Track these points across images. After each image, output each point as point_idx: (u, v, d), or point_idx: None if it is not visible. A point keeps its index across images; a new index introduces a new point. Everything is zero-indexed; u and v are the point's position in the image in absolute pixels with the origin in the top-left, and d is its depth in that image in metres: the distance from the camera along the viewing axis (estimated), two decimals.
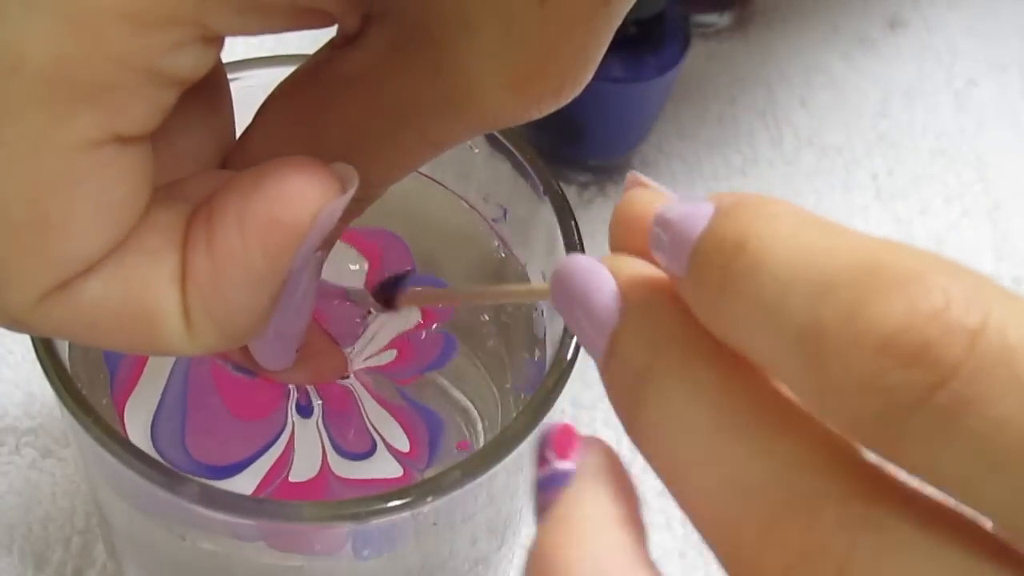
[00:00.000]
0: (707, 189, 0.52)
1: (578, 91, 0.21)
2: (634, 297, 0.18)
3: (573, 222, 0.30)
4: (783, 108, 0.56)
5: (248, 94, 0.25)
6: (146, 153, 0.20)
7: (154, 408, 0.30)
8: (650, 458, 0.17)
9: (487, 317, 0.36)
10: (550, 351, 0.31)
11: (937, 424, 0.14)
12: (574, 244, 0.30)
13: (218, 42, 0.19)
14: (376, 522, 0.27)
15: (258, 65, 0.31)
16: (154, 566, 0.33)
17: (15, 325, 0.20)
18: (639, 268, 0.19)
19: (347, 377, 0.31)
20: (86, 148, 0.18)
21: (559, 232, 0.30)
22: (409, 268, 0.30)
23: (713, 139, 0.54)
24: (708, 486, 0.16)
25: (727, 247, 0.16)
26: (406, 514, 0.26)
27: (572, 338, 0.29)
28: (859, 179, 0.54)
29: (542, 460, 0.19)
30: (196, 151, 0.22)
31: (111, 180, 0.19)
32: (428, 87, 0.20)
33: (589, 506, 0.17)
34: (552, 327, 0.32)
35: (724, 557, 0.16)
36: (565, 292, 0.19)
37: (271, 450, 0.30)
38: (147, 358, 0.30)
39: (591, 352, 0.19)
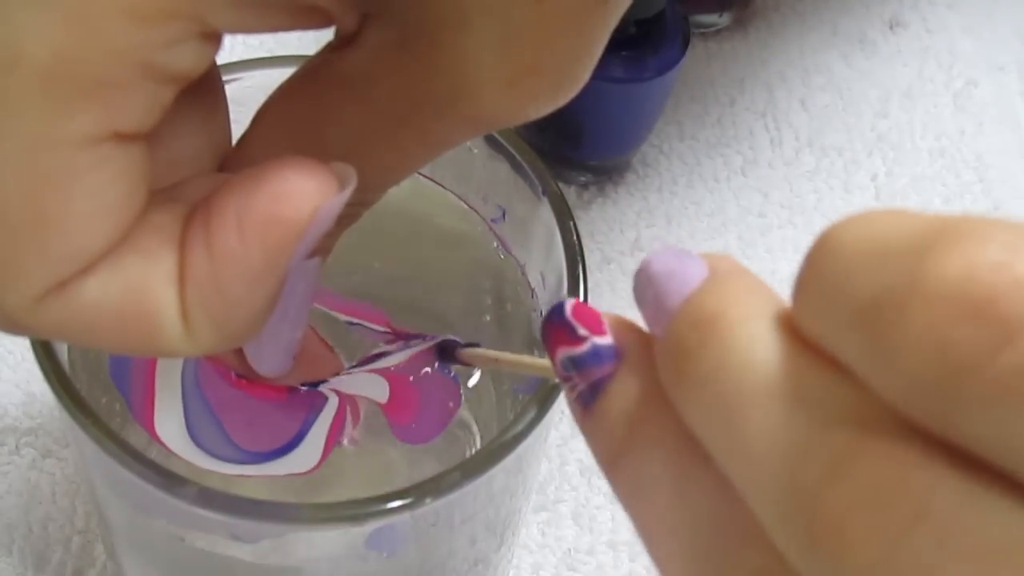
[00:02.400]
0: (707, 190, 0.52)
1: (576, 90, 0.21)
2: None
3: (572, 223, 0.30)
4: (783, 109, 0.56)
5: (247, 94, 0.25)
6: (143, 152, 0.20)
7: (183, 421, 0.30)
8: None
9: (488, 318, 0.36)
10: None
11: (1003, 387, 0.12)
12: (573, 245, 0.30)
13: (216, 39, 0.19)
14: (375, 523, 0.27)
15: (257, 66, 0.31)
16: (154, 566, 0.33)
17: (11, 327, 0.20)
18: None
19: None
20: (85, 145, 0.18)
21: (558, 233, 0.30)
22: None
23: (713, 140, 0.54)
24: (757, 434, 0.15)
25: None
26: (405, 515, 0.26)
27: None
28: (859, 180, 0.54)
29: (575, 338, 0.19)
30: (193, 154, 0.22)
31: (109, 178, 0.19)
32: (426, 86, 0.20)
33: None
34: None
35: (772, 507, 0.14)
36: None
37: (322, 414, 0.30)
38: (154, 375, 0.30)
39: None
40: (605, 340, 0.19)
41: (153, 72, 0.18)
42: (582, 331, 0.19)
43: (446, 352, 0.30)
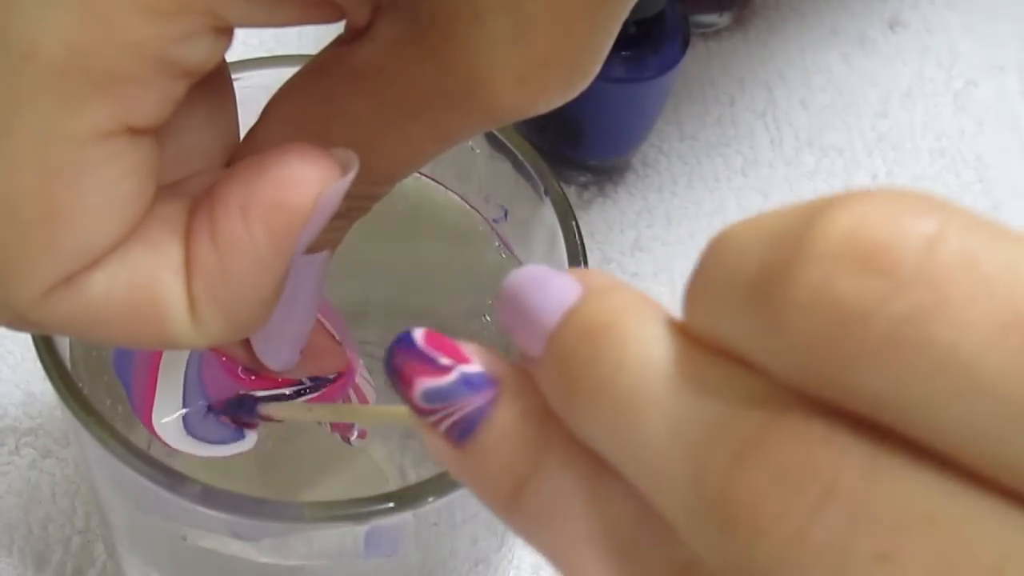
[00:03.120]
0: (707, 190, 0.52)
1: (586, 83, 0.21)
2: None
3: (575, 223, 0.30)
4: (783, 109, 0.56)
5: (248, 94, 0.25)
6: (154, 147, 0.20)
7: (181, 415, 0.30)
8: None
9: (489, 318, 0.36)
10: None
11: (894, 336, 0.12)
12: (575, 244, 0.30)
13: (228, 34, 0.19)
14: (377, 522, 0.27)
15: (258, 65, 0.31)
16: (155, 565, 0.33)
17: (19, 322, 0.20)
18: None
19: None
20: (97, 139, 0.18)
21: (560, 233, 0.30)
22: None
23: (713, 140, 0.54)
24: (658, 432, 0.14)
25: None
26: (407, 514, 0.26)
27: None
28: (859, 180, 0.54)
29: (437, 369, 0.17)
30: (203, 149, 0.22)
31: (120, 172, 0.19)
32: (437, 79, 0.20)
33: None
34: None
35: (680, 503, 0.14)
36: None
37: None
38: (158, 369, 0.30)
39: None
40: (474, 368, 0.17)
41: (166, 66, 0.18)
42: (444, 360, 0.17)
43: (243, 406, 0.28)
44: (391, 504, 0.26)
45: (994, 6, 0.61)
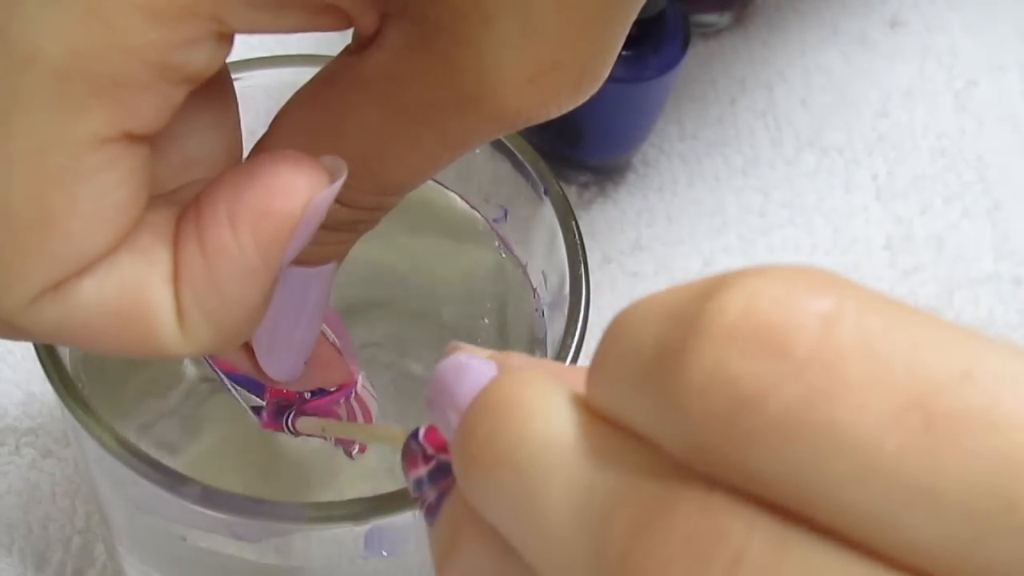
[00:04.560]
0: (707, 189, 0.52)
1: (596, 86, 0.21)
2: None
3: (574, 223, 0.30)
4: (784, 108, 0.56)
5: (248, 95, 0.25)
6: (149, 155, 0.20)
7: None
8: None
9: (487, 321, 0.36)
10: (551, 352, 0.31)
11: (793, 419, 0.12)
12: (575, 244, 0.30)
13: (230, 40, 0.19)
14: (376, 523, 0.27)
15: (258, 66, 0.31)
16: (155, 566, 0.33)
17: (6, 328, 0.20)
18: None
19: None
20: (95, 144, 0.18)
21: (560, 233, 0.30)
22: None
23: (713, 139, 0.54)
24: (556, 504, 0.14)
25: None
26: (407, 514, 0.26)
27: (573, 339, 0.29)
28: (859, 179, 0.54)
29: (426, 458, 0.18)
30: (204, 156, 0.22)
31: (116, 179, 0.19)
32: (447, 85, 0.20)
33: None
34: (552, 328, 0.32)
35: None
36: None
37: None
38: None
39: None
40: (448, 457, 0.18)
41: (168, 72, 0.18)
42: (430, 451, 0.18)
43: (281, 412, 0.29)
44: (391, 504, 0.26)
45: (994, 6, 0.61)
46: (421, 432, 0.19)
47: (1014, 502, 0.11)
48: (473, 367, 0.17)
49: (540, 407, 0.15)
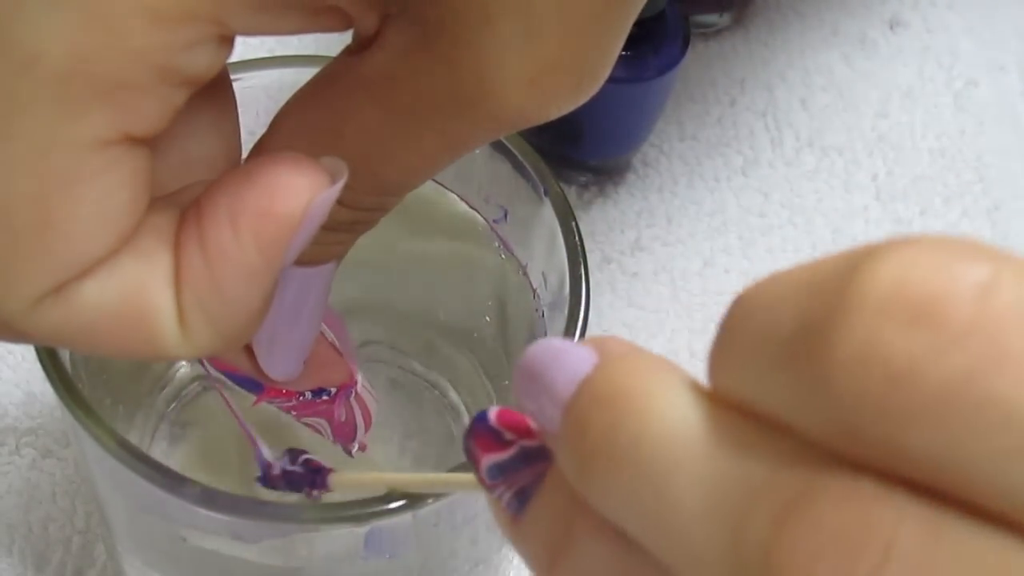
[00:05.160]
0: (708, 190, 0.52)
1: (596, 87, 0.21)
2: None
3: (574, 223, 0.30)
4: (783, 109, 0.56)
5: (248, 94, 0.25)
6: (150, 158, 0.20)
7: None
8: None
9: (488, 318, 0.36)
10: None
11: (952, 395, 0.11)
12: (575, 245, 0.30)
13: (231, 42, 0.19)
14: (376, 523, 0.27)
15: (258, 66, 0.31)
16: (155, 566, 0.33)
17: (7, 332, 0.20)
18: None
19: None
20: (96, 147, 0.18)
21: (560, 233, 0.30)
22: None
23: (713, 140, 0.54)
24: (689, 500, 0.14)
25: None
26: (407, 515, 0.26)
27: (573, 339, 0.29)
28: (859, 180, 0.54)
29: (501, 444, 0.17)
30: (204, 158, 0.22)
31: (117, 182, 0.19)
32: (448, 86, 0.20)
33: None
34: (553, 328, 0.32)
35: (713, 574, 0.13)
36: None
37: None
38: None
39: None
40: (534, 443, 0.17)
41: (169, 74, 0.18)
42: (508, 436, 0.17)
43: (314, 474, 0.28)
44: (391, 505, 0.26)
45: (994, 6, 0.61)
46: (491, 415, 0.18)
47: None
48: (571, 352, 0.16)
49: (658, 398, 0.15)
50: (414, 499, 0.26)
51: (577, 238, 0.30)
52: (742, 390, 0.14)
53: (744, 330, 0.14)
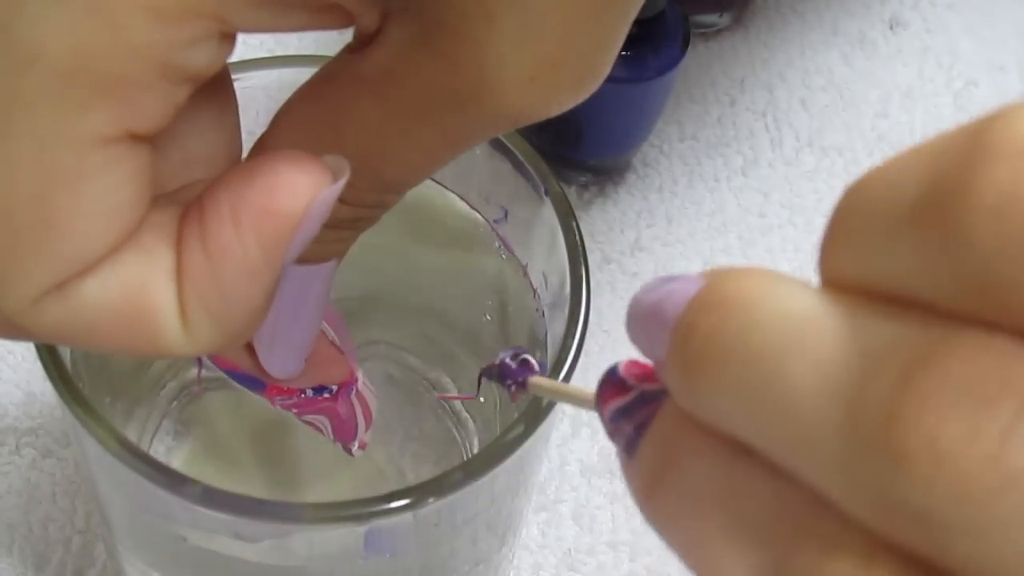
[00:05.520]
0: (708, 190, 0.52)
1: (597, 84, 0.21)
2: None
3: (575, 223, 0.30)
4: (783, 109, 0.56)
5: (248, 94, 0.25)
6: (151, 155, 0.20)
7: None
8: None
9: (489, 317, 0.36)
10: (551, 352, 0.31)
11: None
12: (575, 245, 0.30)
13: (232, 39, 0.19)
14: (377, 523, 0.27)
15: (258, 66, 0.31)
16: (155, 566, 0.33)
17: (10, 329, 0.20)
18: None
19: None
20: (98, 144, 0.18)
21: (560, 233, 0.30)
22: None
23: (713, 140, 0.54)
24: (802, 382, 0.13)
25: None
26: (407, 515, 0.26)
27: (573, 339, 0.29)
28: None
29: (625, 390, 0.18)
30: (205, 156, 0.22)
31: (119, 179, 0.19)
32: (448, 83, 0.20)
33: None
34: (553, 328, 0.32)
35: (828, 454, 0.12)
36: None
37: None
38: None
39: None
40: (652, 385, 0.18)
41: (171, 71, 0.18)
42: (631, 383, 0.18)
43: (510, 373, 0.28)
44: (391, 505, 0.26)
45: (994, 6, 0.61)
46: (620, 366, 0.18)
47: None
48: (681, 280, 0.16)
49: (768, 292, 0.14)
50: (414, 499, 0.26)
51: (577, 238, 0.30)
52: (859, 271, 0.13)
53: (861, 210, 0.13)
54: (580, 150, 0.51)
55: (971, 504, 0.11)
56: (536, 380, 0.26)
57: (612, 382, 0.18)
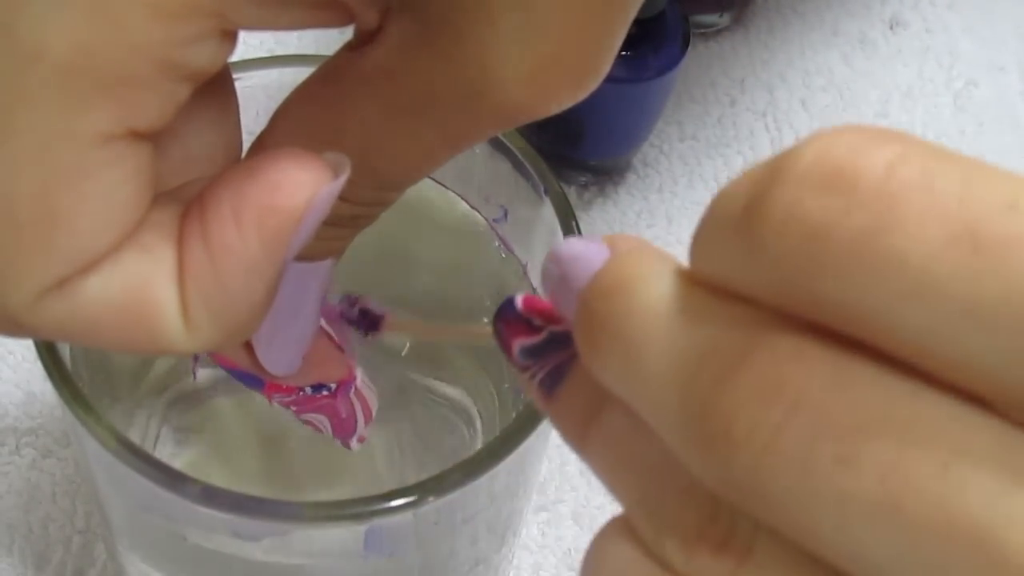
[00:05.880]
0: (708, 190, 0.52)
1: (597, 82, 0.21)
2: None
3: (575, 223, 0.30)
4: (783, 109, 0.56)
5: (248, 94, 0.25)
6: (153, 152, 0.20)
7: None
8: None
9: (487, 320, 0.36)
10: None
11: (856, 248, 0.13)
12: None
13: (233, 37, 0.19)
14: (377, 522, 0.27)
15: (258, 65, 0.31)
16: (155, 565, 0.33)
17: (11, 326, 0.20)
18: None
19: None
20: (100, 142, 0.18)
21: (560, 233, 0.30)
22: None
23: (713, 140, 0.54)
24: (657, 366, 0.16)
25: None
26: (407, 514, 0.26)
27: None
28: None
29: (531, 330, 0.19)
30: (205, 154, 0.22)
31: (121, 176, 0.19)
32: (449, 81, 0.20)
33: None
34: None
35: (677, 429, 0.15)
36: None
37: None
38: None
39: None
40: (561, 328, 0.19)
41: (172, 69, 0.18)
42: (537, 322, 0.19)
43: (369, 319, 0.30)
44: (391, 504, 0.26)
45: (994, 6, 0.61)
46: (518, 300, 0.20)
47: None
48: (588, 248, 0.18)
49: (645, 283, 0.17)
50: (414, 499, 0.26)
51: None
52: (710, 267, 0.16)
53: (710, 216, 0.16)
54: (580, 150, 0.51)
55: (757, 479, 0.14)
56: (394, 321, 0.27)
57: (513, 318, 0.20)
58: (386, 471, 0.38)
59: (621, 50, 0.21)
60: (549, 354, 0.19)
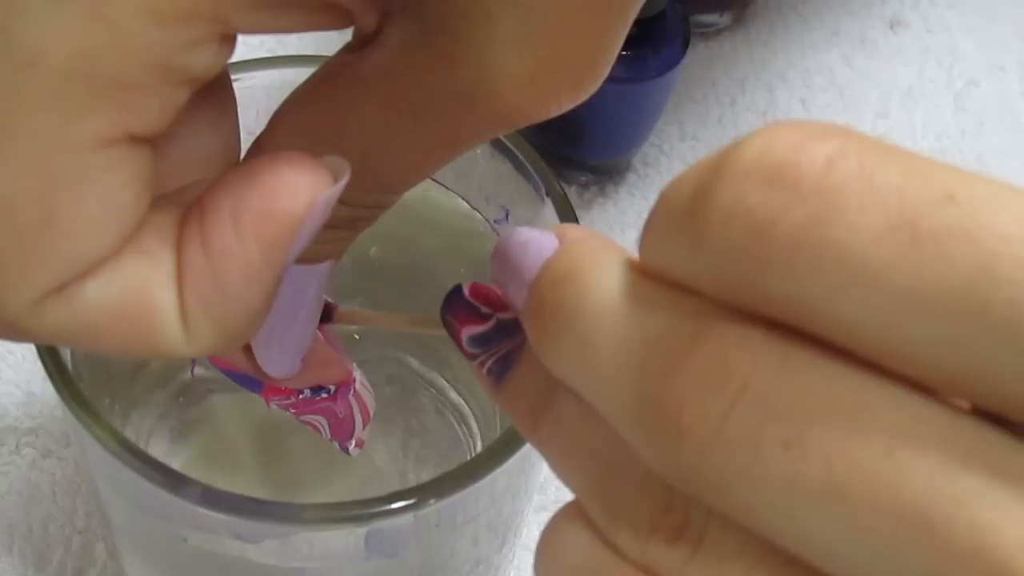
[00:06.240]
0: None
1: (596, 84, 0.21)
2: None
3: (575, 223, 0.30)
4: (784, 109, 0.56)
5: (248, 95, 0.25)
6: (152, 157, 0.20)
7: None
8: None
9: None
10: None
11: (797, 240, 0.14)
12: None
13: (232, 41, 0.19)
14: (377, 524, 0.27)
15: (258, 66, 0.31)
16: (155, 566, 0.33)
17: (10, 330, 0.20)
18: None
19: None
20: (99, 146, 0.18)
21: None
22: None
23: (714, 140, 0.54)
24: (608, 357, 0.16)
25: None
26: (407, 516, 0.26)
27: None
28: None
29: (479, 318, 0.20)
30: (204, 158, 0.22)
31: (119, 181, 0.19)
32: (448, 83, 0.20)
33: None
34: None
35: (627, 419, 0.16)
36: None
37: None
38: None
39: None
40: (508, 315, 0.19)
41: (171, 73, 0.18)
42: (485, 310, 0.20)
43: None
44: (392, 506, 0.26)
45: (994, 6, 0.61)
46: (465, 288, 0.20)
47: (987, 303, 0.13)
48: (537, 238, 0.18)
49: (595, 273, 0.17)
50: (415, 500, 0.26)
51: None
52: (658, 259, 0.16)
53: (657, 209, 0.16)
54: (581, 150, 0.51)
55: (706, 465, 0.14)
56: (344, 311, 0.27)
57: (461, 306, 0.20)
58: (385, 467, 0.38)
59: (621, 50, 0.21)
60: (498, 342, 0.20)
